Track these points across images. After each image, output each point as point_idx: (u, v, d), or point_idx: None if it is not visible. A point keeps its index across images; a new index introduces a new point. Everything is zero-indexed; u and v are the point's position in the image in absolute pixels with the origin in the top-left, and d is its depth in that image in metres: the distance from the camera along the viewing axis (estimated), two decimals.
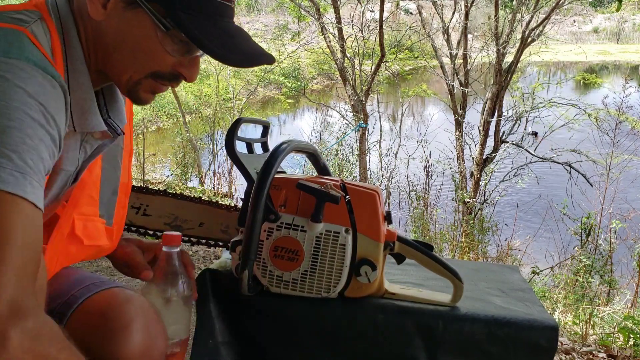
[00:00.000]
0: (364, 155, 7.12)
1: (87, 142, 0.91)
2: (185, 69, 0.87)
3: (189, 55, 0.86)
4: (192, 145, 8.60)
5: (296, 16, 8.72)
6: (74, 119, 0.85)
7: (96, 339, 0.92)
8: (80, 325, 0.94)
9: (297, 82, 12.24)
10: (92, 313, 0.95)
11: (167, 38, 0.83)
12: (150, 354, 0.95)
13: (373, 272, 1.10)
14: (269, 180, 1.09)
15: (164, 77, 0.87)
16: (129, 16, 0.82)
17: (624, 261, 4.96)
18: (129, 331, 0.93)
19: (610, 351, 2.23)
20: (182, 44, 0.84)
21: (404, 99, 8.88)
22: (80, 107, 0.85)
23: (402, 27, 8.70)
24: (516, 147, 7.13)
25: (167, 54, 0.84)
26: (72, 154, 0.89)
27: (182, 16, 0.81)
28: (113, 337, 0.92)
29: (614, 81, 10.20)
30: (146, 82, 0.87)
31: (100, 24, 0.83)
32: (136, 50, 0.83)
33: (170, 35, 0.83)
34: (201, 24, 0.82)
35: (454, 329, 1.11)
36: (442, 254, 5.64)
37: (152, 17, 0.81)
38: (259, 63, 0.87)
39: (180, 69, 0.86)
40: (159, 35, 0.82)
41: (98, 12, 0.82)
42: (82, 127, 0.86)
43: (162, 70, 0.86)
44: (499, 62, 6.93)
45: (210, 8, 0.83)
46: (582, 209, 5.83)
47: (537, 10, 7.03)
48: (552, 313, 3.09)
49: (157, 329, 0.97)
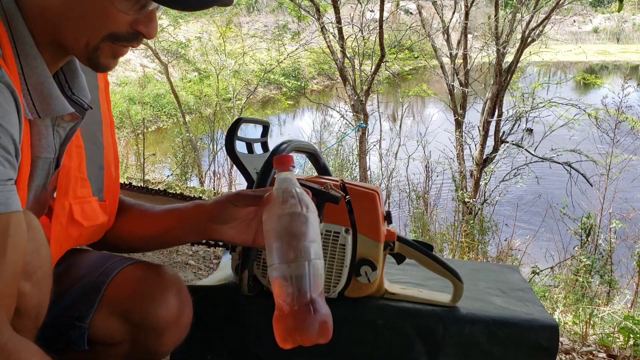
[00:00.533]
0: (364, 155, 7.12)
1: (59, 126, 0.89)
2: (143, 26, 0.81)
3: (144, 10, 0.81)
4: (192, 145, 8.59)
5: (296, 16, 8.72)
6: (36, 105, 0.82)
7: (136, 302, 0.99)
8: (120, 291, 1.00)
9: (297, 82, 12.24)
10: (131, 280, 1.01)
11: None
12: (182, 317, 1.02)
13: (373, 272, 1.10)
14: (269, 180, 1.09)
15: (122, 38, 0.82)
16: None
17: (624, 261, 4.96)
18: (167, 295, 1.00)
19: (610, 351, 2.23)
20: (134, 0, 0.79)
21: (404, 99, 8.88)
22: (39, 93, 0.82)
23: (402, 27, 8.71)
24: (516, 147, 7.13)
25: (120, 12, 0.79)
26: (46, 141, 0.86)
27: None
28: (154, 300, 0.99)
29: (614, 81, 10.20)
30: (104, 46, 0.82)
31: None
32: (86, 14, 0.79)
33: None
34: None
35: (454, 330, 1.11)
36: (442, 254, 5.64)
37: None
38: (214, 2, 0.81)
39: (137, 26, 0.81)
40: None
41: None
42: (46, 112, 0.83)
43: (119, 30, 0.81)
44: (499, 62, 6.93)
45: None
46: (582, 209, 5.83)
47: (537, 10, 7.03)
48: (552, 313, 3.09)
49: (186, 295, 1.04)
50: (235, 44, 9.96)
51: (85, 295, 1.00)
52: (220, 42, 9.36)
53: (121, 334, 1.01)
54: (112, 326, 1.00)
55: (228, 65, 9.23)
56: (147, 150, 8.83)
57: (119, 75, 13.26)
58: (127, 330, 1.00)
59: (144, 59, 13.63)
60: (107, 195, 1.03)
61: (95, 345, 1.01)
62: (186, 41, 10.39)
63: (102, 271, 1.03)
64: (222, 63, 9.31)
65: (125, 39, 0.82)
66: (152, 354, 1.04)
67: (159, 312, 0.99)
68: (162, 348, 1.03)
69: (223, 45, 9.26)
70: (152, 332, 1.00)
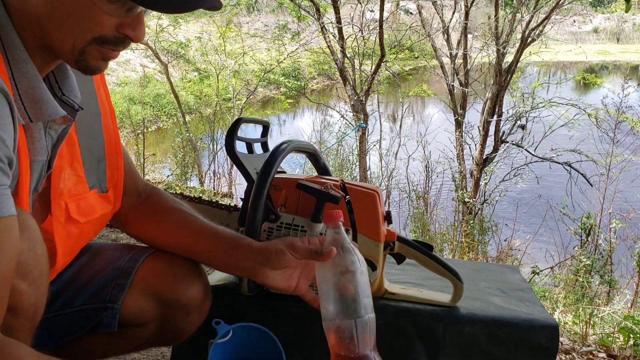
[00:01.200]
0: (364, 155, 7.12)
1: (51, 128, 0.88)
2: (130, 29, 0.80)
3: (130, 13, 0.79)
4: (192, 145, 8.60)
5: (296, 16, 8.72)
6: (28, 110, 0.81)
7: (168, 283, 1.05)
8: (151, 273, 1.05)
9: (297, 82, 12.24)
10: (160, 263, 1.07)
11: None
12: (207, 298, 1.10)
13: (373, 272, 1.10)
14: (269, 180, 1.09)
15: (108, 41, 0.81)
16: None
17: (624, 261, 4.95)
18: (195, 277, 1.07)
19: (610, 351, 2.23)
20: (120, 3, 0.77)
21: (404, 99, 8.88)
22: (31, 98, 0.82)
23: (402, 27, 8.70)
24: (516, 147, 7.13)
25: (106, 15, 0.78)
26: (39, 144, 0.86)
27: None
28: (185, 281, 1.06)
29: (614, 81, 10.20)
30: (91, 49, 0.81)
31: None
32: (69, 16, 0.78)
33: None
34: None
35: (454, 330, 1.11)
36: (442, 254, 5.64)
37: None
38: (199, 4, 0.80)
39: (124, 30, 0.80)
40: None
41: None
42: (38, 117, 0.83)
43: (105, 33, 0.80)
44: (499, 62, 6.93)
45: None
46: (582, 209, 5.83)
47: (537, 10, 7.03)
48: (552, 313, 3.09)
49: (209, 284, 1.11)
50: (235, 44, 9.96)
51: (115, 279, 1.04)
52: (220, 42, 9.36)
53: (151, 314, 1.05)
54: (143, 307, 1.04)
55: (228, 65, 9.23)
56: (147, 150, 8.83)
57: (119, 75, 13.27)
58: (157, 310, 1.05)
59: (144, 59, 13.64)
60: (110, 185, 1.03)
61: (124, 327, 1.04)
62: (186, 41, 10.39)
63: (130, 257, 1.07)
64: (222, 63, 9.31)
65: (112, 42, 0.81)
66: (177, 333, 1.10)
67: (189, 292, 1.05)
68: (187, 327, 1.09)
69: (223, 45, 9.26)
70: (180, 311, 1.06)
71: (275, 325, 1.07)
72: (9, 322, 0.75)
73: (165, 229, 1.09)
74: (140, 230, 1.13)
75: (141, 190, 1.14)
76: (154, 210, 1.12)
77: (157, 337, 1.09)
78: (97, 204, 1.01)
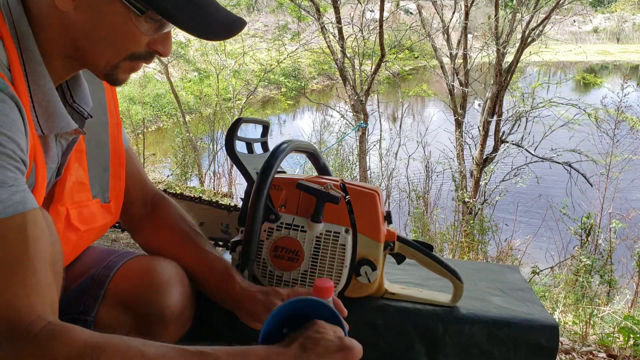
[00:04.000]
0: (364, 155, 7.12)
1: (62, 137, 0.91)
2: (160, 45, 0.86)
3: (160, 31, 0.85)
4: (192, 145, 8.59)
5: (296, 16, 8.72)
6: (41, 122, 0.84)
7: (141, 293, 1.01)
8: (123, 283, 1.03)
9: (297, 82, 12.23)
10: (135, 271, 1.04)
11: (140, 19, 0.81)
12: (187, 307, 1.05)
13: (373, 272, 1.10)
14: (269, 180, 1.09)
15: (140, 57, 0.86)
16: (99, 3, 0.80)
17: (624, 261, 4.95)
18: (171, 284, 1.03)
19: (610, 351, 2.23)
20: (155, 22, 0.83)
21: (404, 99, 8.87)
22: (44, 110, 0.84)
23: (402, 27, 8.70)
24: (516, 147, 7.13)
25: (141, 34, 0.83)
26: (51, 152, 0.89)
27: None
28: (159, 290, 1.01)
29: (614, 81, 10.19)
30: (124, 64, 0.86)
31: (68, 15, 0.81)
32: (111, 36, 0.82)
33: (144, 16, 0.81)
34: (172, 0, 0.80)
35: (454, 330, 1.11)
36: (442, 254, 5.64)
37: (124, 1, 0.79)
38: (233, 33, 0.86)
39: (155, 46, 0.86)
40: (132, 18, 0.81)
41: (66, 2, 0.80)
42: (50, 129, 0.85)
43: (139, 50, 0.85)
44: (499, 62, 6.92)
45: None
46: (582, 209, 5.83)
47: (537, 10, 7.03)
48: (552, 313, 3.09)
49: (189, 290, 1.07)
50: (235, 44, 9.95)
51: (89, 290, 1.02)
52: (220, 42, 9.35)
53: (127, 326, 1.02)
54: (117, 318, 1.01)
55: (228, 65, 9.23)
56: (147, 150, 8.83)
57: None
58: (133, 322, 1.02)
59: None
60: (112, 195, 1.04)
61: None
62: (186, 41, 10.38)
63: (105, 265, 1.05)
64: (222, 63, 9.30)
65: (143, 57, 0.87)
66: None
67: (164, 303, 1.01)
68: (167, 339, 1.05)
69: (223, 45, 9.25)
70: (157, 323, 1.02)
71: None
72: None
73: (165, 249, 1.11)
74: (142, 240, 1.15)
75: (149, 201, 1.15)
76: (157, 225, 1.13)
77: None
78: (98, 213, 1.02)
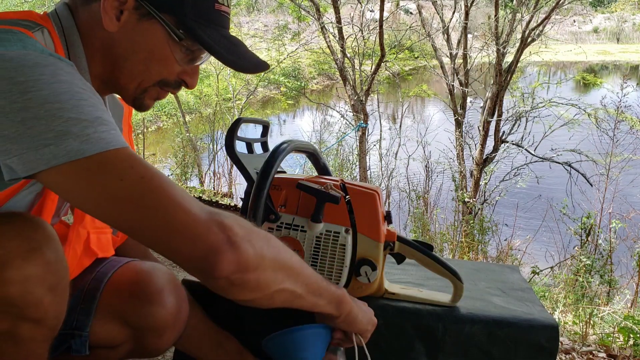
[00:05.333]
0: (364, 155, 7.12)
1: None
2: (189, 77, 0.91)
3: (192, 63, 0.90)
4: (192, 145, 8.59)
5: (296, 16, 8.71)
6: None
7: (133, 305, 1.00)
8: (115, 295, 1.01)
9: (297, 82, 12.23)
10: (124, 283, 1.02)
11: (177, 47, 0.86)
12: (180, 314, 1.04)
13: (373, 272, 1.10)
14: (269, 180, 1.09)
15: (169, 84, 0.90)
16: (142, 27, 0.84)
17: (624, 261, 4.95)
18: (164, 294, 1.01)
19: (610, 351, 2.23)
20: (189, 53, 0.88)
21: (404, 99, 8.87)
22: None
23: (402, 27, 8.70)
24: (516, 147, 7.13)
25: (175, 62, 0.88)
26: None
27: (193, 26, 0.84)
28: (150, 301, 1.00)
29: (614, 81, 10.19)
30: (153, 89, 0.90)
31: (112, 35, 0.85)
32: (149, 59, 0.86)
33: (181, 45, 0.86)
34: (210, 33, 0.85)
35: (454, 330, 1.11)
36: (442, 254, 5.64)
37: (166, 28, 0.84)
38: (262, 69, 0.92)
39: (184, 76, 0.90)
40: (170, 44, 0.86)
41: (112, 24, 0.84)
42: None
43: (169, 78, 0.89)
44: (499, 62, 6.92)
45: (216, 18, 0.87)
46: (582, 209, 5.82)
47: (537, 10, 7.02)
48: (552, 313, 3.09)
49: (182, 292, 1.06)
50: None
51: (80, 304, 1.00)
52: None
53: (122, 336, 1.02)
54: (112, 331, 1.01)
55: None
56: (147, 150, 8.84)
57: None
58: (127, 332, 1.01)
59: None
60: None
61: (97, 348, 1.02)
62: None
63: (94, 277, 1.03)
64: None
65: (172, 85, 0.91)
66: (153, 351, 1.06)
67: (157, 314, 1.00)
68: (162, 346, 1.05)
69: None
70: (152, 332, 1.01)
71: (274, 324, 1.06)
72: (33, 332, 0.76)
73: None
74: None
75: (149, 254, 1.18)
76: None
77: (133, 355, 1.07)
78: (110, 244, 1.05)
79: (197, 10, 0.84)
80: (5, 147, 0.66)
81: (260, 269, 0.75)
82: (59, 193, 0.71)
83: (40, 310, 0.75)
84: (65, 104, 0.67)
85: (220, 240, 0.71)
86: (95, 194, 0.68)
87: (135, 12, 0.84)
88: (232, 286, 0.73)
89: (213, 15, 0.87)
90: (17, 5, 8.71)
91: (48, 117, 0.66)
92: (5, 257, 0.71)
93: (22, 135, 0.65)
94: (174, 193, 0.71)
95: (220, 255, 0.70)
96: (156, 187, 0.70)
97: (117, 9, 0.83)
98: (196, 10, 0.84)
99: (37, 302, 0.74)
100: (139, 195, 0.69)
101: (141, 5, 0.83)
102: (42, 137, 0.66)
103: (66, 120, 0.67)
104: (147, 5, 0.83)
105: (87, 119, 0.68)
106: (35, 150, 0.65)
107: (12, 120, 0.65)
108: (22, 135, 0.65)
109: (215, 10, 0.87)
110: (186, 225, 0.70)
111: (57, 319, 0.79)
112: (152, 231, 0.70)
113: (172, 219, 0.70)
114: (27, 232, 0.74)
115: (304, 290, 0.84)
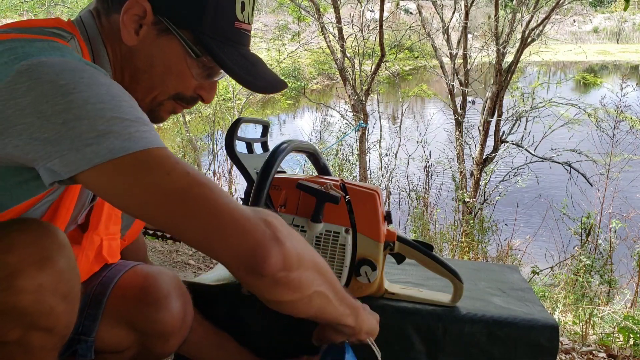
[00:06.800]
0: (364, 155, 7.12)
1: None
2: (205, 92, 0.92)
3: (209, 79, 0.91)
4: (192, 145, 8.60)
5: (296, 16, 8.71)
6: None
7: (140, 310, 0.99)
8: (121, 300, 1.00)
9: (297, 82, 12.23)
10: (131, 288, 1.01)
11: (194, 63, 0.86)
12: (186, 319, 1.03)
13: (373, 272, 1.10)
14: (268, 180, 1.09)
15: (185, 99, 0.91)
16: (161, 42, 0.85)
17: (624, 261, 4.95)
18: (170, 299, 1.00)
19: (610, 351, 2.23)
20: (206, 69, 0.88)
21: (404, 99, 8.87)
22: None
23: (402, 27, 8.70)
24: (516, 146, 7.13)
25: (192, 77, 0.88)
26: None
27: (210, 43, 0.84)
28: (157, 306, 0.99)
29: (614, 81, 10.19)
30: (168, 103, 0.90)
31: (132, 48, 0.86)
32: (166, 73, 0.87)
33: (198, 61, 0.86)
34: (227, 51, 0.86)
35: (454, 330, 1.11)
36: (442, 254, 5.64)
37: (184, 44, 0.84)
38: (279, 89, 0.92)
39: (200, 91, 0.91)
40: (187, 60, 0.86)
41: (131, 37, 0.84)
42: None
43: (185, 92, 0.90)
44: (499, 62, 6.92)
45: (235, 36, 0.87)
46: (582, 209, 5.83)
47: (537, 10, 7.03)
48: (552, 313, 3.09)
49: (187, 296, 1.05)
50: None
51: (87, 309, 1.00)
52: None
53: (128, 341, 1.02)
54: (118, 336, 1.01)
55: None
56: None
57: None
58: (134, 337, 1.01)
59: None
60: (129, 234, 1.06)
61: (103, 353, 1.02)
62: None
63: (100, 281, 1.03)
64: None
65: (187, 100, 0.91)
66: (158, 355, 1.06)
67: (164, 319, 1.00)
68: (168, 349, 1.05)
69: None
70: (158, 337, 1.01)
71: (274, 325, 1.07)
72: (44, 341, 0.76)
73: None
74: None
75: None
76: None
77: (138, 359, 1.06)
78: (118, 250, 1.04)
79: (215, 28, 0.84)
80: (46, 151, 0.66)
81: (302, 268, 0.75)
82: (102, 194, 0.71)
83: (52, 319, 0.74)
84: (107, 104, 0.68)
85: (268, 236, 0.71)
86: (141, 189, 0.68)
87: (154, 27, 0.84)
88: (276, 285, 0.73)
89: (232, 33, 0.87)
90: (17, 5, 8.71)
91: (90, 118, 0.66)
92: (18, 266, 0.71)
93: (63, 136, 0.65)
94: (219, 190, 0.72)
95: (268, 250, 0.71)
96: (202, 182, 0.71)
97: (137, 23, 0.84)
98: (214, 28, 0.84)
99: (49, 311, 0.74)
100: (187, 188, 0.69)
101: (160, 21, 0.84)
102: (83, 137, 0.66)
103: (108, 119, 0.67)
104: (166, 21, 0.84)
105: (129, 118, 0.69)
106: (77, 151, 0.65)
107: (54, 123, 0.65)
108: (63, 137, 0.65)
109: (234, 29, 0.87)
110: (235, 219, 0.70)
111: (68, 327, 0.79)
112: (199, 226, 0.70)
113: (221, 214, 0.70)
114: (40, 240, 0.73)
115: (334, 295, 0.85)
